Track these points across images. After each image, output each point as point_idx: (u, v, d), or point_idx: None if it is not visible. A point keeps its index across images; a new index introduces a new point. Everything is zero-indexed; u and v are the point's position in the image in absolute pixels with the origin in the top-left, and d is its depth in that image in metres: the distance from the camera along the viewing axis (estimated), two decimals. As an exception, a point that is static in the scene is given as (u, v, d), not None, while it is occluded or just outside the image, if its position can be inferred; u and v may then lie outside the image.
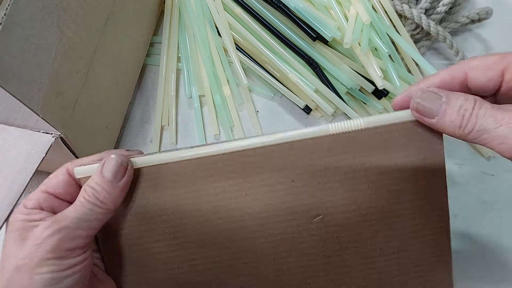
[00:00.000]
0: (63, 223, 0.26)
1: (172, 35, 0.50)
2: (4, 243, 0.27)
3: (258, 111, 0.48)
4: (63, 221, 0.26)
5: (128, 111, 0.47)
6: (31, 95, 0.30)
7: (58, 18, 0.32)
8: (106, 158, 0.28)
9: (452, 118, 0.24)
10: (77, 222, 0.26)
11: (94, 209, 0.27)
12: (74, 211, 0.27)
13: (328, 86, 0.46)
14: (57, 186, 0.29)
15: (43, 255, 0.25)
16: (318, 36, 0.46)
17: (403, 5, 0.48)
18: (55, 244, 0.25)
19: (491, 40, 0.53)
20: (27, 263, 0.25)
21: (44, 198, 0.28)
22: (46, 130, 0.33)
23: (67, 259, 0.26)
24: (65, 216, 0.26)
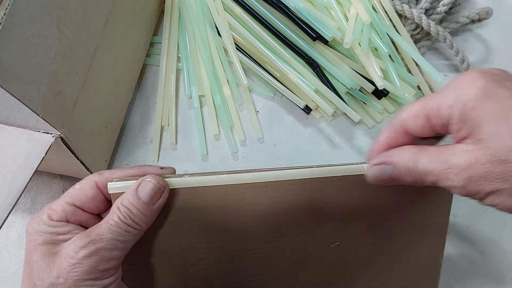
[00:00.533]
0: (99, 244, 0.25)
1: (172, 35, 0.50)
2: (30, 255, 0.26)
3: (258, 111, 0.48)
4: (100, 242, 0.25)
5: (128, 111, 0.47)
6: (31, 95, 0.30)
7: (58, 18, 0.32)
8: (142, 180, 0.27)
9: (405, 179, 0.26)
10: (113, 243, 0.26)
11: (129, 230, 0.26)
12: (109, 232, 0.26)
13: (328, 86, 0.46)
14: (86, 199, 0.28)
15: (80, 276, 0.25)
16: (318, 36, 0.46)
17: (403, 5, 0.48)
18: (92, 266, 0.25)
19: (491, 40, 0.53)
20: (62, 282, 0.25)
21: (71, 211, 0.27)
22: (46, 130, 0.33)
23: (102, 279, 0.26)
24: (101, 237, 0.26)
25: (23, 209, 0.43)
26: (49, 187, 0.44)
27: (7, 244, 0.42)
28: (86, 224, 0.28)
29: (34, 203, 0.43)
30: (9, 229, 0.42)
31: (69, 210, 0.27)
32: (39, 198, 0.44)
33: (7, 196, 0.31)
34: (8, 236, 0.42)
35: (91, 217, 0.29)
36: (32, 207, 0.43)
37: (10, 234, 0.42)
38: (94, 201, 0.28)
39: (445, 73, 0.51)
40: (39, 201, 0.43)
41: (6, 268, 0.41)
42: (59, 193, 0.44)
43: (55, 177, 0.45)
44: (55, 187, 0.44)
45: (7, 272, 0.40)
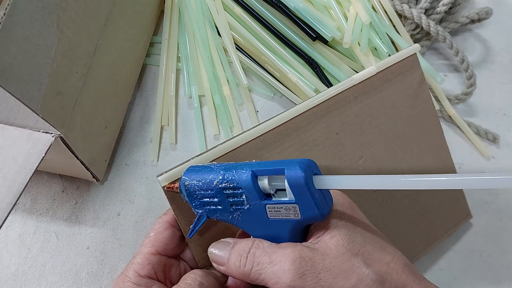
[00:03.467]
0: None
1: (172, 35, 0.50)
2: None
3: (258, 111, 0.48)
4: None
5: (128, 111, 0.47)
6: (30, 94, 0.30)
7: (58, 18, 0.32)
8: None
9: (234, 260, 0.25)
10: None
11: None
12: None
13: (328, 86, 0.46)
14: (165, 241, 0.29)
15: None
16: (318, 36, 0.46)
17: (403, 5, 0.48)
18: None
19: (491, 40, 0.53)
20: None
21: (156, 261, 0.28)
22: (46, 129, 0.33)
23: None
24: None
25: (23, 209, 0.43)
26: (49, 187, 0.44)
27: (7, 244, 0.42)
28: (169, 270, 0.30)
29: (34, 203, 0.43)
30: (9, 229, 0.42)
31: (154, 261, 0.28)
32: (39, 198, 0.44)
33: (7, 196, 0.31)
34: (8, 236, 0.42)
35: (174, 261, 0.30)
36: (32, 207, 0.43)
37: (10, 233, 0.42)
38: (173, 240, 0.30)
39: (445, 73, 0.51)
40: (39, 201, 0.43)
41: (6, 268, 0.41)
42: (59, 193, 0.44)
43: (55, 177, 0.45)
44: (55, 187, 0.44)
45: (7, 272, 0.40)
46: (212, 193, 0.27)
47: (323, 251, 0.24)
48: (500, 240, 0.42)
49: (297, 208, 0.24)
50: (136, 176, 0.45)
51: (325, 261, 0.23)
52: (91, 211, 0.43)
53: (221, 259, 0.26)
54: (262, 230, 0.26)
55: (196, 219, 0.28)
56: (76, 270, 0.41)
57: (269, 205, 0.25)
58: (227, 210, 0.27)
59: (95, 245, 0.42)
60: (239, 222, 0.27)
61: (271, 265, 0.24)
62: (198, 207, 0.28)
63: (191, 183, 0.27)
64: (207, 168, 0.27)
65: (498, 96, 0.50)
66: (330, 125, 0.34)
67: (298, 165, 0.23)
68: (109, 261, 0.41)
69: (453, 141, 0.47)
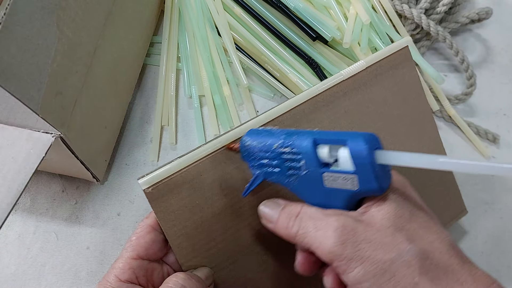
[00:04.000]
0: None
1: (172, 35, 0.50)
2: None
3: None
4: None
5: (128, 111, 0.47)
6: (30, 94, 0.30)
7: (58, 18, 0.32)
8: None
9: (283, 221, 0.26)
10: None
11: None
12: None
13: (328, 86, 0.46)
14: (147, 246, 0.29)
15: None
16: (318, 36, 0.46)
17: (403, 5, 0.48)
18: None
19: (491, 40, 0.53)
20: None
21: (137, 266, 0.28)
22: (46, 129, 0.33)
23: None
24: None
25: (23, 209, 0.43)
26: (49, 187, 0.44)
27: (7, 244, 0.42)
28: (151, 273, 0.29)
29: (34, 203, 0.43)
30: (9, 229, 0.42)
31: (135, 265, 0.28)
32: (39, 198, 0.44)
33: (7, 196, 0.31)
34: (8, 236, 0.42)
35: (156, 265, 0.30)
36: (31, 207, 0.43)
37: (10, 233, 0.42)
38: (155, 244, 0.29)
39: (445, 73, 0.51)
40: (38, 201, 0.43)
41: (6, 267, 0.41)
42: (59, 193, 0.44)
43: (55, 177, 0.45)
44: (55, 187, 0.44)
45: (6, 272, 0.40)
46: (271, 156, 0.28)
47: (367, 222, 0.24)
48: (500, 240, 0.42)
49: (355, 179, 0.25)
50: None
51: (367, 233, 0.23)
52: (91, 211, 0.43)
53: (271, 217, 0.28)
54: (315, 197, 0.27)
55: (253, 179, 0.29)
56: (75, 270, 0.41)
57: (326, 174, 0.26)
58: (284, 174, 0.27)
59: (95, 245, 0.42)
60: (294, 187, 0.27)
61: (315, 230, 0.24)
62: (255, 168, 0.29)
63: (252, 144, 0.28)
64: (268, 132, 0.29)
65: (498, 96, 0.49)
66: (318, 123, 0.33)
67: (362, 137, 0.24)
68: (109, 261, 0.41)
69: (453, 141, 0.47)
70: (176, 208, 0.30)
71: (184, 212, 0.30)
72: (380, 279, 0.22)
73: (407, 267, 0.22)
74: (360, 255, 0.23)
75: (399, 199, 0.25)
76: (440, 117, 0.48)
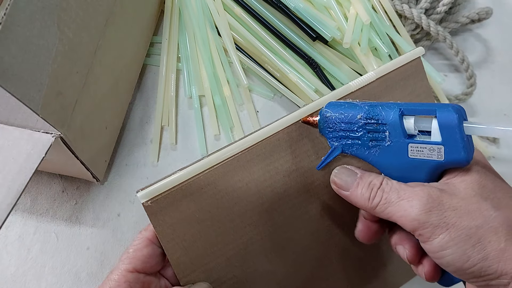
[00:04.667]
0: None
1: (172, 35, 0.50)
2: None
3: (258, 111, 0.48)
4: None
5: (128, 111, 0.47)
6: (31, 95, 0.30)
7: (58, 18, 0.32)
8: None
9: (362, 191, 0.27)
10: None
11: None
12: None
13: (328, 86, 0.46)
14: (144, 259, 0.28)
15: None
16: (318, 36, 0.46)
17: (403, 5, 0.48)
18: None
19: (491, 40, 0.53)
20: None
21: (133, 279, 0.28)
22: (46, 130, 0.33)
23: None
24: None
25: (23, 209, 0.43)
26: (49, 187, 0.44)
27: (7, 244, 0.42)
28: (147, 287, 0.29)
29: (34, 203, 0.43)
30: (9, 229, 0.42)
31: (131, 278, 0.28)
32: (39, 198, 0.44)
33: (7, 196, 0.31)
34: (8, 236, 0.42)
35: (153, 279, 0.29)
36: (32, 207, 0.43)
37: (10, 234, 0.42)
38: (153, 258, 0.29)
39: (445, 73, 0.51)
40: (39, 201, 0.43)
41: (6, 268, 0.41)
42: (59, 193, 0.44)
43: (55, 177, 0.45)
44: (55, 187, 0.44)
45: (6, 272, 0.40)
46: (352, 127, 0.28)
47: (452, 192, 0.24)
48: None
49: (442, 150, 0.25)
50: (136, 176, 0.44)
51: (452, 201, 0.24)
52: (91, 211, 0.43)
53: (346, 185, 0.28)
54: (396, 168, 0.27)
55: (330, 151, 0.30)
56: (76, 270, 0.41)
57: (412, 144, 0.26)
58: (365, 145, 0.28)
59: (95, 245, 0.42)
60: (374, 158, 0.28)
61: (398, 199, 0.25)
62: (334, 139, 0.29)
63: (333, 115, 0.29)
64: (350, 103, 0.29)
65: (498, 96, 0.49)
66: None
67: (451, 107, 0.24)
68: (109, 262, 0.41)
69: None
70: (176, 222, 0.29)
71: (184, 226, 0.29)
72: (464, 245, 0.23)
73: (494, 233, 0.23)
74: (446, 221, 0.23)
75: (481, 170, 0.26)
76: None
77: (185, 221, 0.29)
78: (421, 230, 0.24)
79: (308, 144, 0.31)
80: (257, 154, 0.30)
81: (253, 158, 0.30)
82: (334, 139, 0.29)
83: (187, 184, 0.29)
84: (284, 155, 0.31)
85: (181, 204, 0.29)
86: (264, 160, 0.30)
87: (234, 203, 0.30)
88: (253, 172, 0.30)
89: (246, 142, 0.30)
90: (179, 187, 0.29)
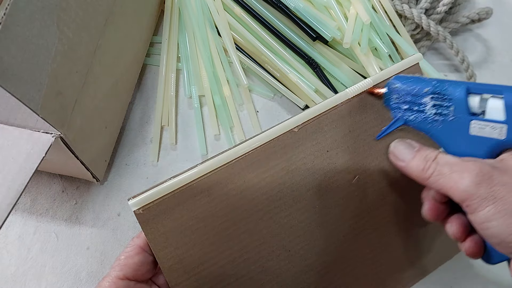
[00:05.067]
0: None
1: (172, 35, 0.50)
2: None
3: (258, 111, 0.48)
4: None
5: (128, 111, 0.47)
6: (31, 95, 0.30)
7: (58, 18, 0.32)
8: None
9: (418, 163, 0.28)
10: None
11: None
12: None
13: (328, 86, 0.46)
14: (136, 267, 0.28)
15: None
16: (318, 36, 0.46)
17: (403, 5, 0.48)
18: None
19: (491, 40, 0.53)
20: None
21: (124, 286, 0.28)
22: (46, 130, 0.33)
23: None
24: None
25: (23, 209, 0.43)
26: (49, 187, 0.44)
27: (7, 244, 0.42)
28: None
29: (34, 203, 0.43)
30: (9, 229, 0.42)
31: (122, 285, 0.28)
32: (39, 198, 0.44)
33: (7, 196, 0.31)
34: (8, 236, 0.42)
35: (144, 286, 0.29)
36: (32, 207, 0.43)
37: (10, 234, 0.42)
38: (144, 265, 0.29)
39: (445, 73, 0.51)
40: (39, 201, 0.43)
41: (6, 268, 0.41)
42: (59, 193, 0.44)
43: (55, 177, 0.45)
44: (55, 187, 0.44)
45: (6, 272, 0.40)
46: (418, 100, 0.29)
47: (504, 169, 0.25)
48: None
49: (504, 129, 0.26)
50: (136, 176, 0.45)
51: (503, 177, 0.25)
52: (91, 211, 0.43)
53: (403, 156, 0.29)
54: (456, 144, 0.28)
55: (392, 122, 0.31)
56: (76, 270, 0.41)
57: (474, 121, 0.27)
58: (427, 119, 0.29)
59: (95, 245, 0.42)
60: (435, 132, 0.29)
61: (450, 172, 0.26)
62: (398, 111, 0.31)
63: (401, 87, 0.30)
64: (418, 78, 0.30)
65: (498, 96, 0.50)
66: (320, 142, 0.32)
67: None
68: (109, 262, 0.41)
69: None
70: (168, 230, 0.29)
71: (176, 234, 0.29)
72: (510, 218, 0.24)
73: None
74: (494, 195, 0.24)
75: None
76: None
77: (178, 229, 0.29)
78: (469, 201, 0.25)
79: (307, 150, 0.32)
80: (251, 162, 0.30)
81: (247, 165, 0.30)
82: (398, 110, 0.31)
83: (180, 192, 0.29)
84: (280, 162, 0.31)
85: (174, 212, 0.29)
86: (259, 167, 0.30)
87: (228, 211, 0.30)
88: (248, 179, 0.30)
89: (240, 149, 0.30)
90: (171, 195, 0.29)
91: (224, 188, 0.30)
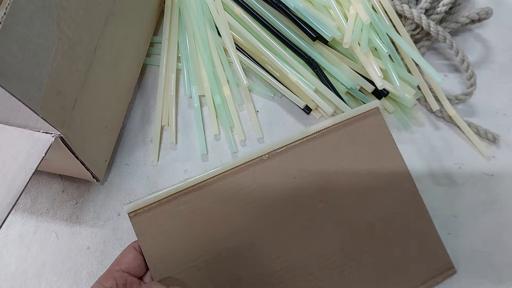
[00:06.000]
0: None
1: (172, 35, 0.50)
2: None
3: (258, 111, 0.48)
4: None
5: (128, 111, 0.47)
6: (31, 94, 0.30)
7: (58, 18, 0.32)
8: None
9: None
10: None
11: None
12: None
13: (328, 86, 0.46)
14: (129, 261, 0.34)
15: None
16: (318, 36, 0.46)
17: (403, 5, 0.48)
18: None
19: (491, 40, 0.53)
20: None
21: (119, 276, 0.33)
22: (46, 129, 0.33)
23: None
24: None
25: (23, 209, 0.43)
26: (49, 187, 0.44)
27: (7, 243, 0.42)
28: (130, 286, 0.33)
29: (34, 203, 0.43)
30: (9, 228, 0.42)
31: (117, 275, 0.33)
32: (39, 197, 0.44)
33: (7, 196, 0.31)
34: (8, 236, 0.42)
35: (136, 280, 0.34)
36: (32, 207, 0.43)
37: (10, 233, 0.42)
38: (136, 261, 0.34)
39: (445, 73, 0.51)
40: (39, 201, 0.43)
41: (6, 267, 0.41)
42: (59, 193, 0.44)
43: (55, 177, 0.45)
44: (55, 187, 0.44)
45: (6, 271, 0.40)
46: None
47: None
48: (500, 239, 0.42)
49: None
50: (136, 176, 0.45)
51: None
52: (91, 211, 0.43)
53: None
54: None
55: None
56: (76, 270, 0.41)
57: None
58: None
59: (95, 245, 0.42)
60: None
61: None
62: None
63: None
64: None
65: (498, 96, 0.50)
66: (286, 169, 0.36)
67: None
68: (109, 261, 0.41)
69: (453, 141, 0.47)
70: (155, 233, 0.34)
71: (161, 237, 0.34)
72: None
73: None
74: None
75: None
76: (440, 117, 0.48)
77: (163, 234, 0.34)
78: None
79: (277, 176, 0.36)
80: (228, 181, 0.35)
81: (224, 184, 0.35)
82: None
83: (165, 202, 0.34)
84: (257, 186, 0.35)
85: (159, 218, 0.34)
86: (235, 187, 0.35)
87: (206, 221, 0.35)
88: (224, 196, 0.35)
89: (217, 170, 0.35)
90: (158, 203, 0.34)
91: (204, 202, 0.35)
